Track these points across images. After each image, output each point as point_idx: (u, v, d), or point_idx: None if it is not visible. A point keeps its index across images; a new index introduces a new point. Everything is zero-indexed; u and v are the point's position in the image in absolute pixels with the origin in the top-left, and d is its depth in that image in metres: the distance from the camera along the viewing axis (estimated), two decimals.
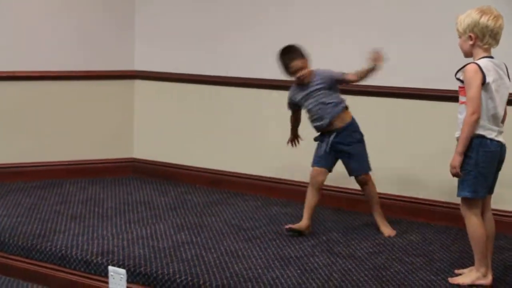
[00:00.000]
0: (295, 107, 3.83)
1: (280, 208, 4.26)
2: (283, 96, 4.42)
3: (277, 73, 4.44)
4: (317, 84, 3.71)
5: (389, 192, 4.03)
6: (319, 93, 3.71)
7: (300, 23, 4.38)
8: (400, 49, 3.92)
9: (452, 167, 3.00)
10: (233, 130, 4.67)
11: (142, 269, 3.18)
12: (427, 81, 3.94)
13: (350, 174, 3.76)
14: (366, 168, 3.71)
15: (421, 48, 3.95)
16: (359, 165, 3.71)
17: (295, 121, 3.90)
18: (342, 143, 3.69)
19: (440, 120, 3.87)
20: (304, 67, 3.69)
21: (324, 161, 3.72)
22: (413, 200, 4.04)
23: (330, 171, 3.74)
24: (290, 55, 3.72)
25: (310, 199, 3.73)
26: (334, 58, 4.20)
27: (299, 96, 3.77)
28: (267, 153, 4.54)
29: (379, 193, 3.77)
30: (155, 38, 4.94)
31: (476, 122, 2.93)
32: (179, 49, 4.84)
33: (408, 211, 4.01)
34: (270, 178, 4.53)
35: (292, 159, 4.43)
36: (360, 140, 3.72)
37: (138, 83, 5.01)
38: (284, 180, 4.48)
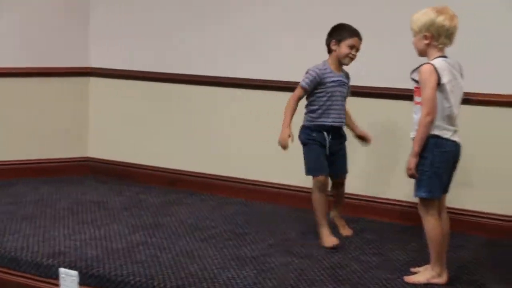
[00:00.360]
0: (312, 90, 3.51)
1: (236, 208, 4.23)
2: (240, 94, 4.43)
3: (234, 71, 4.44)
4: (346, 78, 3.60)
5: (346, 191, 4.02)
6: (346, 87, 3.59)
7: (257, 20, 4.35)
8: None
9: (408, 168, 3.01)
10: (190, 129, 4.62)
11: (94, 270, 3.12)
12: (388, 80, 3.94)
13: (337, 175, 3.62)
14: (347, 167, 3.66)
15: (377, 47, 3.95)
16: (345, 165, 3.63)
17: (294, 111, 3.54)
18: (338, 143, 3.58)
19: (399, 119, 3.88)
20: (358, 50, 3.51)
21: (327, 165, 3.54)
22: (370, 198, 4.05)
23: None
24: (356, 31, 3.50)
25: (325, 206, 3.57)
26: (288, 57, 4.22)
27: (332, 77, 3.51)
28: (224, 152, 4.51)
29: None
30: (111, 35, 4.87)
31: (431, 123, 2.94)
32: (135, 46, 4.78)
33: (365, 210, 4.01)
34: (227, 177, 4.49)
35: (250, 158, 4.43)
36: (346, 139, 3.64)
37: (93, 81, 4.93)
38: (242, 179, 4.45)
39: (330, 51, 3.55)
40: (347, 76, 3.60)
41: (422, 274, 3.09)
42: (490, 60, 3.70)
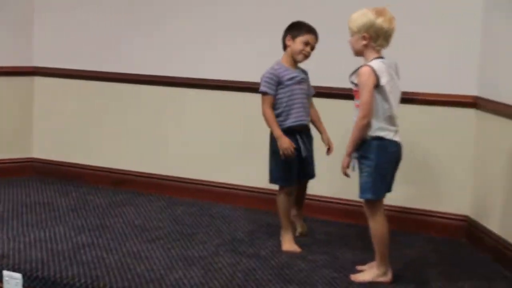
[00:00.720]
0: (275, 92, 3.43)
1: (185, 208, 4.21)
2: (187, 94, 4.42)
3: (181, 70, 4.43)
4: (304, 74, 3.51)
5: None
6: (306, 83, 3.50)
7: (206, 21, 4.35)
8: None
9: (342, 167, 3.05)
10: (137, 129, 4.59)
11: (39, 273, 3.07)
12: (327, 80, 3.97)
13: (307, 176, 3.57)
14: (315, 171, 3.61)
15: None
16: (314, 169, 3.57)
17: (275, 118, 3.41)
18: (308, 145, 3.52)
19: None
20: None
21: (296, 173, 3.47)
22: (318, 198, 4.07)
23: None
24: (313, 29, 3.45)
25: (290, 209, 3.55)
26: (239, 57, 4.24)
27: (289, 74, 3.43)
28: (172, 152, 4.49)
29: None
30: (56, 34, 4.79)
31: (366, 126, 2.98)
32: (80, 45, 4.72)
33: (313, 209, 4.04)
34: (175, 177, 4.47)
35: (197, 159, 4.42)
36: (313, 139, 3.57)
37: (38, 80, 4.84)
38: (190, 179, 4.44)
39: (285, 47, 3.50)
40: (304, 72, 3.53)
41: (368, 273, 3.13)
42: (436, 61, 3.76)
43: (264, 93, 3.43)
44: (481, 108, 3.63)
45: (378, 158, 2.99)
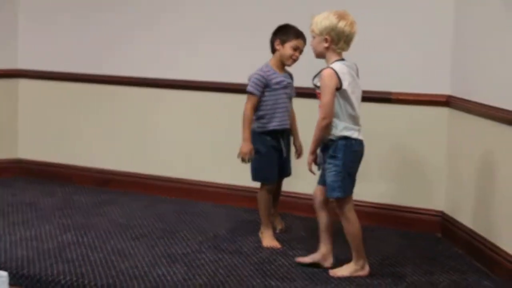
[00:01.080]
0: (261, 94, 3.49)
1: (168, 207, 4.26)
2: (171, 95, 4.47)
3: (165, 72, 4.48)
4: (290, 78, 3.58)
5: None
6: (290, 87, 3.57)
7: (189, 23, 4.39)
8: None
9: (307, 163, 3.14)
10: (121, 129, 4.63)
11: (25, 271, 3.13)
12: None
13: (284, 175, 3.65)
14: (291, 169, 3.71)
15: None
16: (290, 167, 3.68)
17: (251, 122, 3.51)
18: (288, 146, 3.61)
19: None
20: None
21: (277, 171, 3.58)
22: (297, 195, 4.13)
23: None
24: (301, 33, 3.50)
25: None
26: (219, 58, 4.30)
27: (276, 77, 3.50)
28: (156, 152, 4.54)
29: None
30: (40, 36, 4.83)
31: (327, 127, 3.07)
32: (64, 47, 4.75)
33: (292, 206, 4.10)
34: (159, 177, 4.52)
35: (181, 158, 4.47)
36: (290, 140, 3.66)
37: (23, 82, 4.88)
38: (173, 178, 4.49)
39: (273, 50, 3.55)
40: (290, 76, 3.60)
41: (346, 268, 3.19)
42: (409, 61, 3.83)
43: (250, 93, 3.50)
44: (453, 106, 3.70)
45: (345, 157, 3.08)
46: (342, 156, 3.08)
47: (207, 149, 4.38)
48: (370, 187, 3.90)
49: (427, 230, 3.85)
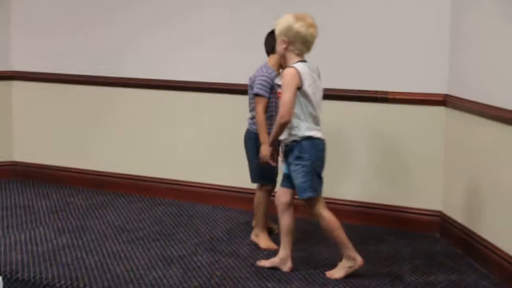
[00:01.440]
0: (269, 94, 3.48)
1: (164, 209, 4.25)
2: (166, 96, 4.45)
3: (158, 73, 4.46)
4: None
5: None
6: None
7: (192, 23, 4.37)
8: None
9: (264, 155, 3.24)
10: (116, 131, 4.62)
11: (19, 275, 3.11)
12: None
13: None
14: None
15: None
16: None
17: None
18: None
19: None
20: None
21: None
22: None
23: None
24: None
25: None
26: (212, 59, 4.28)
27: (278, 79, 3.45)
28: (151, 153, 4.53)
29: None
30: (34, 38, 4.81)
31: (285, 125, 3.08)
32: (58, 49, 4.74)
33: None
34: (154, 178, 4.51)
35: (177, 159, 4.45)
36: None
37: (17, 84, 4.86)
38: (169, 180, 4.47)
39: (271, 51, 3.52)
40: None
41: (340, 268, 3.17)
42: (406, 60, 3.82)
43: (260, 96, 3.49)
44: (450, 106, 3.69)
45: (311, 156, 3.09)
46: (308, 156, 3.10)
47: (203, 151, 4.37)
48: (367, 187, 3.89)
49: (425, 230, 3.84)
